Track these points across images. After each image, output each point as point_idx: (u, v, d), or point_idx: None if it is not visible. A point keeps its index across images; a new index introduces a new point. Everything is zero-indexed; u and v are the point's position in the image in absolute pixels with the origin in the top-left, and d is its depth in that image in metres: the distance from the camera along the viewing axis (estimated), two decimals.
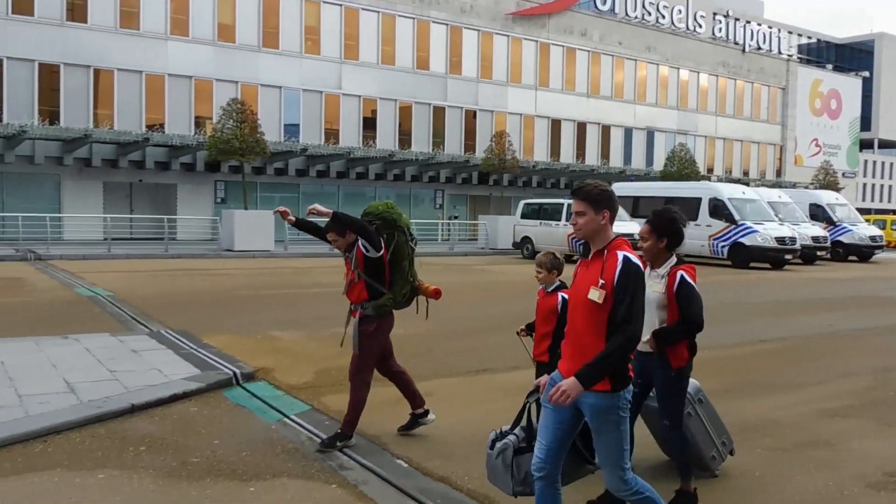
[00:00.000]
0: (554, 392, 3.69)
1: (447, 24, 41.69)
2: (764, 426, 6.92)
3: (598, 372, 3.71)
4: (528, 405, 4.47)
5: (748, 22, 61.49)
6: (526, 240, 29.09)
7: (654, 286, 4.92)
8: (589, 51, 47.51)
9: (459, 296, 16.34)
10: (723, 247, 27.10)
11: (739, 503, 5.26)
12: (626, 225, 25.09)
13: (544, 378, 4.17)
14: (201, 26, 34.79)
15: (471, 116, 42.90)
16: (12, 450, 5.85)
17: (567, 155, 46.25)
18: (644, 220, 5.09)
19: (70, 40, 31.89)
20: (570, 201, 3.95)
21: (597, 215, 3.85)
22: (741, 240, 26.64)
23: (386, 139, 39.53)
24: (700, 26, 52.83)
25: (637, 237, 5.35)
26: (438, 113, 41.69)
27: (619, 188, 30.94)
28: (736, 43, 55.65)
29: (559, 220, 27.24)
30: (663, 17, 50.67)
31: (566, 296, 5.41)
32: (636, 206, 29.06)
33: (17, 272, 19.26)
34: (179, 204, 34.13)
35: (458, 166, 40.04)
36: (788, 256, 26.72)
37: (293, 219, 6.41)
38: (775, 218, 27.91)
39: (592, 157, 47.21)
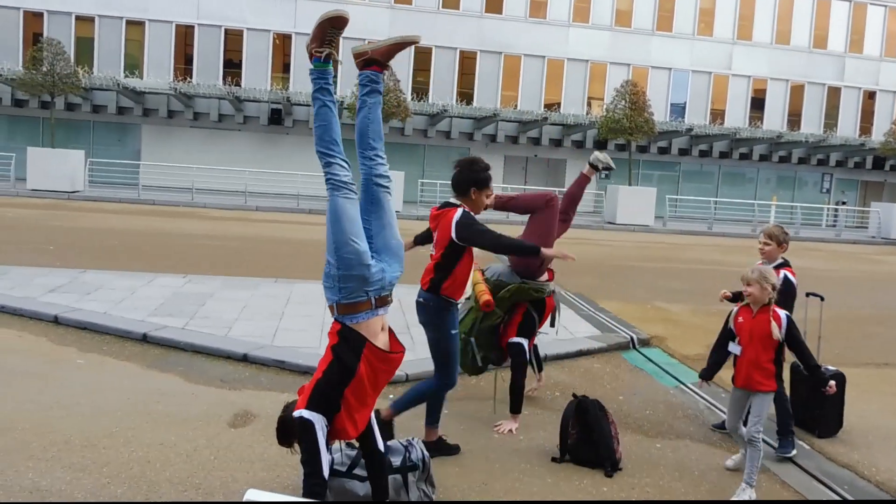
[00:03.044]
0: None
1: (850, 1, 37.76)
2: None
3: None
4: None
5: None
6: None
7: None
8: None
9: (851, 284, 15.08)
10: None
11: None
12: None
13: None
14: (601, 13, 35.31)
15: (868, 97, 38.59)
16: None
17: None
18: None
19: (486, 30, 34.28)
20: None
21: None
22: None
23: (773, 120, 37.10)
24: None
25: None
26: (833, 93, 38.07)
27: None
28: None
29: None
30: None
31: (790, 274, 5.36)
32: None
33: None
34: (568, 178, 35.25)
35: (851, 150, 36.36)
36: None
37: None
38: None
39: None
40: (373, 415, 3.84)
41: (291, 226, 19.82)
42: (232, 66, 32.97)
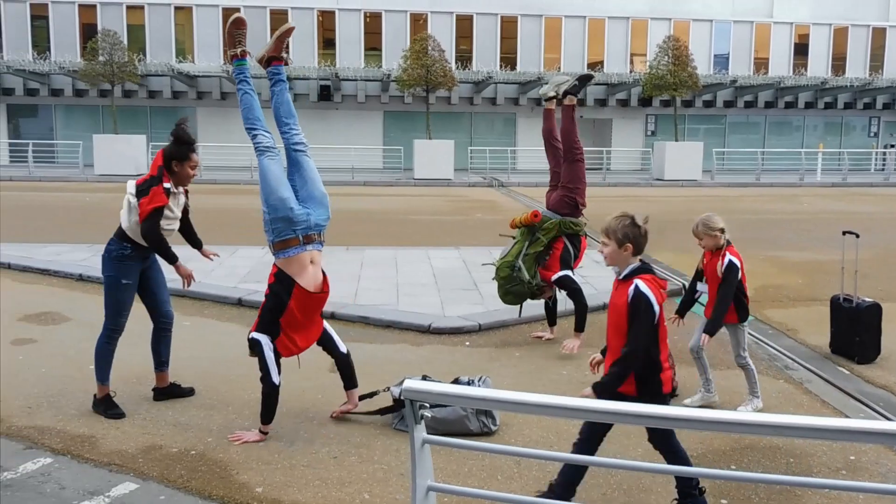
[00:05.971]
0: None
1: None
2: None
3: None
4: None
5: None
6: None
7: None
8: None
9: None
10: None
11: None
12: None
13: None
14: None
15: None
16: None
17: None
18: None
19: None
20: None
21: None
22: None
23: (818, 66, 36.52)
24: None
25: None
26: (878, 34, 37.23)
27: None
28: None
29: None
30: None
31: (646, 289, 3.58)
32: None
33: (489, 196, 22.00)
34: (614, 137, 35.35)
35: None
36: None
37: None
38: None
39: None
40: (328, 326, 4.96)
41: (349, 197, 20.51)
42: None
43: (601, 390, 3.53)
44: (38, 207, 17.10)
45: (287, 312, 4.60)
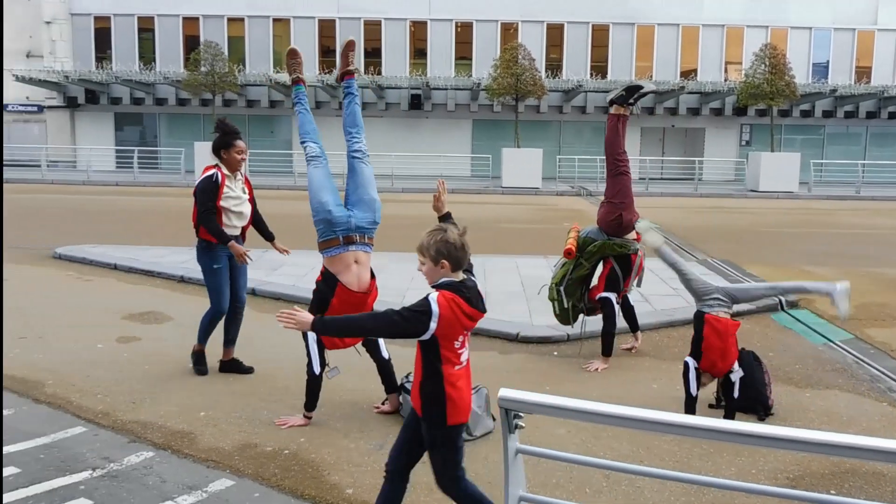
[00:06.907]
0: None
1: None
2: None
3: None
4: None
5: None
6: None
7: None
8: None
9: None
10: None
11: None
12: None
13: None
14: None
15: None
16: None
17: None
18: None
19: (619, 1, 33.88)
20: None
21: None
22: None
23: None
24: None
25: None
26: None
27: None
28: None
29: None
30: None
31: (434, 298, 3.22)
32: None
33: (577, 205, 21.80)
34: (707, 147, 34.49)
35: None
36: None
37: None
38: None
39: None
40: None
41: None
42: (372, 56, 34.21)
43: (318, 323, 3.22)
44: (142, 211, 17.88)
45: (330, 309, 4.84)
